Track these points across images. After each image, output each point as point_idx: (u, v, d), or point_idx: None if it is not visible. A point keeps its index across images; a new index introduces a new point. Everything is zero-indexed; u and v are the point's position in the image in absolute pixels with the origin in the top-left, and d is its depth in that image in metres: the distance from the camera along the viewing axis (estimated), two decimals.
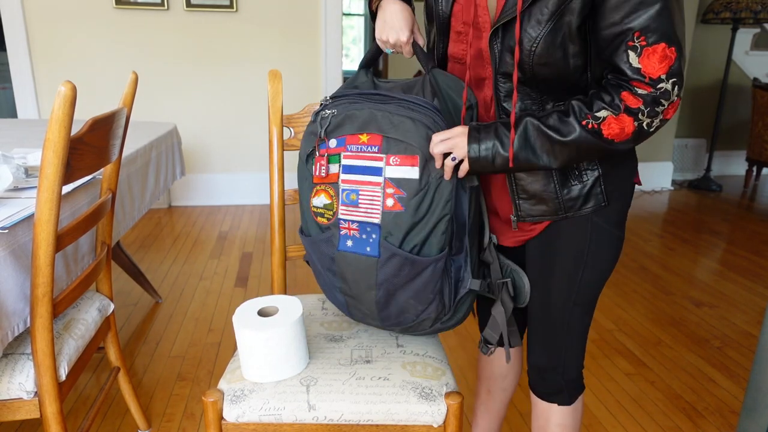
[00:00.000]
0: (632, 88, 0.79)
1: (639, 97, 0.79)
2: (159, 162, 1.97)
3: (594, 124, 0.82)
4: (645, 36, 0.76)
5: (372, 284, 0.98)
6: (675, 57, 0.76)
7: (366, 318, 1.07)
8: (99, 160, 1.13)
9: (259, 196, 3.85)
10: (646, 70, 0.77)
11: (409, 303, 0.99)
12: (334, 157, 0.98)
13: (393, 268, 0.96)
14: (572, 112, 0.83)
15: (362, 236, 0.97)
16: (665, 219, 3.68)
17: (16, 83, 3.40)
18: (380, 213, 0.94)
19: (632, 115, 0.80)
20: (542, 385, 1.08)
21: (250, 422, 0.96)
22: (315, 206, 1.01)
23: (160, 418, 1.65)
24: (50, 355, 1.05)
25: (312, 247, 1.06)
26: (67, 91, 0.91)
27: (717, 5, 4.03)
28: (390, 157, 0.93)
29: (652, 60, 0.76)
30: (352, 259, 0.99)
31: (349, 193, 0.97)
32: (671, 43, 0.76)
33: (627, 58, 0.78)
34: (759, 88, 4.12)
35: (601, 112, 0.81)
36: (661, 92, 0.78)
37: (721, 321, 2.31)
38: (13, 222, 1.02)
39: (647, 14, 0.75)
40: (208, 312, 2.29)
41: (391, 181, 0.93)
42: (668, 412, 1.72)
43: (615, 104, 0.80)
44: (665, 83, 0.77)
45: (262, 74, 3.65)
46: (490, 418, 1.35)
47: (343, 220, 0.98)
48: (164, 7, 3.39)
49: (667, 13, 0.75)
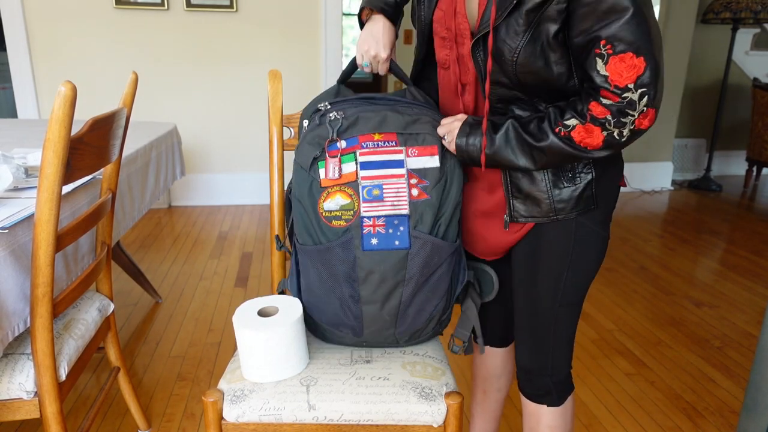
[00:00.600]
0: (599, 97, 0.80)
1: (605, 108, 0.80)
2: (159, 162, 1.97)
3: (564, 132, 0.83)
4: (612, 44, 0.76)
5: (401, 280, 0.96)
6: (644, 67, 0.76)
7: (378, 332, 1.03)
8: (99, 160, 1.13)
9: (259, 196, 3.85)
10: (613, 78, 0.77)
11: (427, 299, 1.00)
12: (347, 156, 0.96)
13: (424, 257, 0.96)
14: (547, 119, 0.86)
15: (389, 231, 0.95)
16: (665, 219, 3.68)
17: (16, 83, 3.40)
18: (407, 203, 0.95)
19: (599, 125, 0.81)
20: (530, 386, 1.08)
21: (250, 422, 0.96)
22: (328, 210, 0.96)
23: (160, 418, 1.65)
24: (50, 355, 1.05)
25: (319, 258, 0.98)
26: (67, 91, 0.91)
27: (717, 5, 4.03)
28: (408, 149, 0.96)
29: (619, 68, 0.76)
30: (379, 258, 0.95)
31: (371, 189, 0.95)
32: (639, 53, 0.76)
33: (596, 66, 0.78)
34: (759, 88, 4.12)
35: (570, 121, 0.83)
36: (627, 102, 0.78)
37: (721, 321, 2.31)
38: (13, 222, 1.02)
39: (615, 23, 0.75)
40: (208, 312, 2.29)
41: (414, 172, 0.96)
42: (668, 412, 1.72)
43: (583, 113, 0.82)
44: (632, 93, 0.77)
45: (262, 74, 3.65)
46: (487, 418, 1.36)
47: (367, 217, 0.95)
48: (164, 7, 3.39)
49: (636, 22, 0.75)
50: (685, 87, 4.58)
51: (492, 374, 1.30)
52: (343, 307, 1.00)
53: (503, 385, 1.31)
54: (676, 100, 4.28)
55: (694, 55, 4.53)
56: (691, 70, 4.54)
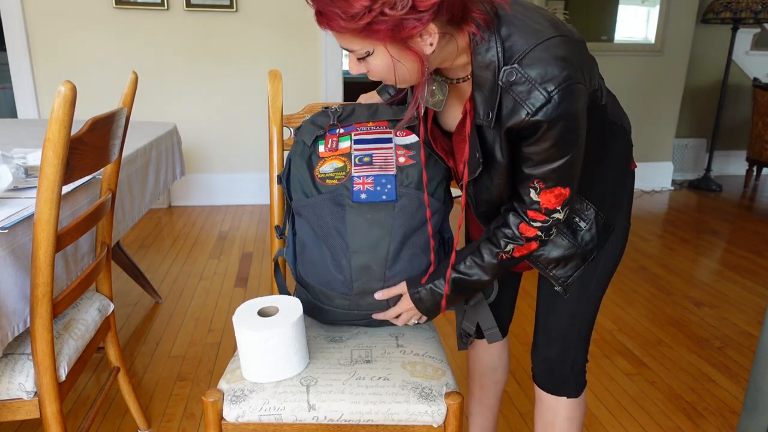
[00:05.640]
0: (528, 220, 0.92)
1: (534, 228, 0.92)
2: (159, 162, 1.97)
3: (506, 256, 0.96)
4: (543, 182, 0.87)
5: (388, 230, 1.02)
6: (567, 194, 0.89)
7: (368, 288, 1.05)
8: (99, 160, 1.13)
9: (259, 196, 3.85)
10: (543, 204, 0.90)
11: (415, 255, 1.05)
12: (344, 137, 1.09)
13: (410, 210, 1.02)
14: (486, 254, 0.97)
15: (377, 188, 1.03)
16: (665, 219, 3.68)
17: (16, 83, 3.40)
18: (395, 166, 1.05)
19: (531, 240, 0.94)
20: (550, 377, 1.09)
21: (250, 422, 0.96)
22: (323, 173, 1.06)
23: (160, 418, 1.65)
24: (50, 356, 1.05)
25: (312, 210, 1.05)
26: (67, 91, 0.91)
27: (717, 5, 4.03)
28: (398, 132, 1.09)
29: (548, 197, 0.89)
30: (367, 208, 1.02)
31: (362, 157, 1.06)
32: (564, 186, 0.88)
33: (529, 193, 0.90)
34: (759, 88, 4.12)
35: (508, 247, 0.95)
36: (554, 220, 0.91)
37: (721, 321, 2.30)
38: (13, 222, 1.02)
39: (548, 168, 0.86)
40: (208, 312, 2.29)
41: (401, 146, 1.07)
42: (668, 412, 1.72)
43: (516, 237, 0.94)
44: (559, 213, 0.91)
45: (262, 74, 3.65)
46: (486, 413, 1.37)
47: (357, 176, 1.04)
48: (164, 7, 3.39)
49: (566, 165, 0.85)
50: (685, 87, 4.58)
51: (489, 367, 1.31)
52: (334, 259, 1.05)
53: (500, 378, 1.33)
54: (676, 100, 4.28)
55: (694, 55, 4.53)
56: (691, 70, 4.54)
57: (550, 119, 0.80)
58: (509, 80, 0.80)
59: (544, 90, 0.78)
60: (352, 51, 0.84)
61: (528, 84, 0.79)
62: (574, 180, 0.88)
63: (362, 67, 0.86)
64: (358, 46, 0.81)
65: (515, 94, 0.80)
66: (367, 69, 0.86)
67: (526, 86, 0.79)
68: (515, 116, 0.81)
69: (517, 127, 0.82)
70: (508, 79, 0.80)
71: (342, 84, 3.71)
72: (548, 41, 0.80)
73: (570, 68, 0.79)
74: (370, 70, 0.86)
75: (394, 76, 0.85)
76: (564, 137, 0.82)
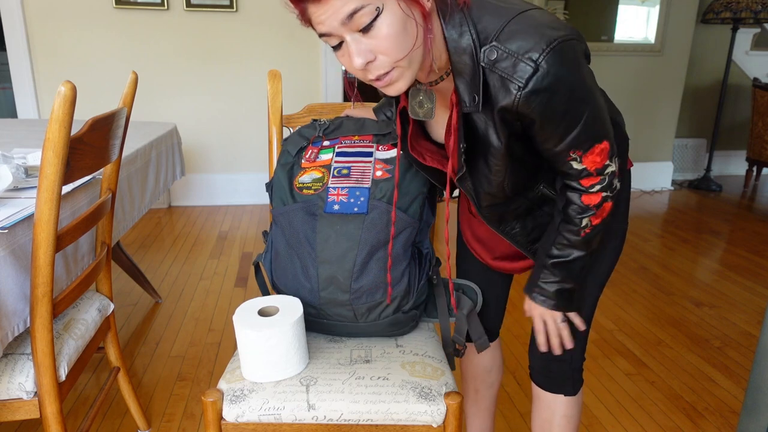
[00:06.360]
0: (585, 189, 0.88)
1: (595, 193, 0.88)
2: (159, 162, 1.97)
3: (588, 230, 0.91)
4: (578, 149, 0.83)
5: (355, 243, 1.02)
6: (608, 146, 0.84)
7: (334, 296, 1.04)
8: (99, 160, 1.13)
9: (259, 196, 3.85)
10: (591, 167, 0.86)
11: (381, 269, 1.04)
12: (327, 150, 1.12)
13: (380, 224, 1.03)
14: (568, 235, 0.92)
15: (350, 200, 1.05)
16: (665, 219, 3.68)
17: (16, 83, 3.40)
18: (370, 180, 1.06)
19: (601, 204, 0.89)
20: (548, 375, 1.09)
21: (250, 422, 0.96)
22: (302, 182, 1.09)
23: (160, 418, 1.65)
24: (50, 355, 1.05)
25: (286, 218, 1.07)
26: (67, 91, 0.91)
27: (717, 5, 4.03)
28: (380, 146, 1.11)
29: (592, 159, 0.85)
30: (338, 219, 1.03)
31: (340, 169, 1.09)
32: (601, 140, 0.83)
33: (572, 166, 0.86)
34: (759, 88, 4.12)
35: (584, 222, 0.90)
36: (610, 175, 0.87)
37: (721, 321, 2.31)
38: (13, 222, 1.02)
39: (574, 134, 0.81)
40: (208, 312, 2.29)
41: (380, 160, 1.09)
42: (668, 412, 1.72)
43: (585, 209, 0.89)
44: (610, 166, 0.86)
45: (262, 74, 3.65)
46: (483, 416, 1.36)
47: (333, 188, 1.06)
48: (164, 7, 3.39)
49: (589, 122, 0.81)
50: (685, 87, 4.58)
51: (482, 370, 1.31)
52: (303, 268, 1.06)
53: (495, 379, 1.33)
54: (676, 100, 4.28)
55: (694, 55, 4.53)
56: (691, 70, 4.54)
57: (546, 87, 0.76)
58: (491, 59, 0.78)
59: (529, 60, 0.75)
60: (360, 10, 0.72)
61: (511, 58, 0.76)
62: (606, 130, 0.84)
63: (367, 50, 0.76)
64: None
65: (500, 71, 0.77)
66: (373, 45, 0.75)
67: (509, 61, 0.76)
68: (506, 94, 0.78)
69: (512, 108, 0.79)
70: (489, 57, 0.78)
71: (342, 84, 3.71)
72: (521, 14, 0.78)
73: (550, 31, 0.76)
74: (377, 45, 0.75)
75: (405, 39, 0.76)
76: (571, 99, 0.78)
